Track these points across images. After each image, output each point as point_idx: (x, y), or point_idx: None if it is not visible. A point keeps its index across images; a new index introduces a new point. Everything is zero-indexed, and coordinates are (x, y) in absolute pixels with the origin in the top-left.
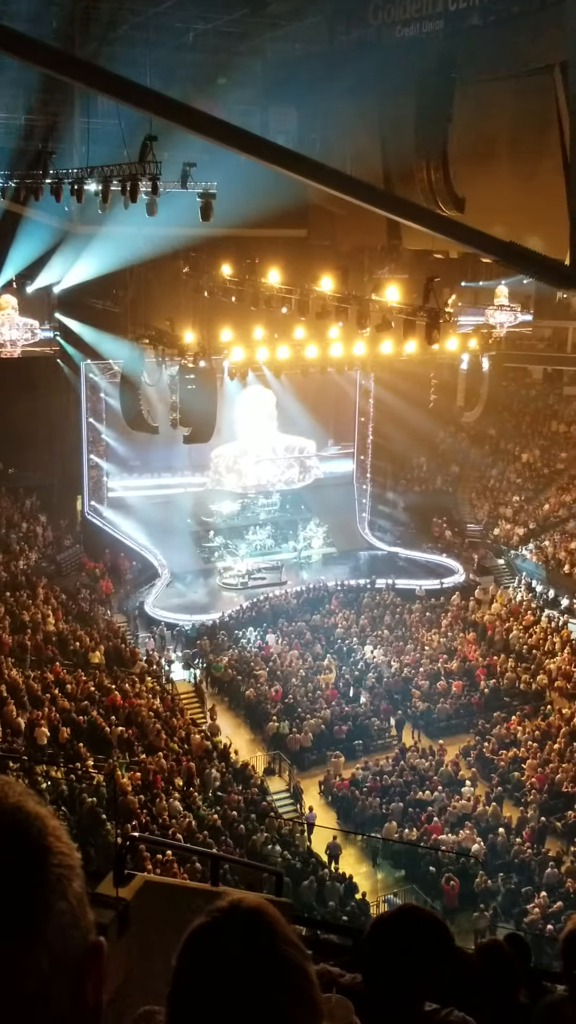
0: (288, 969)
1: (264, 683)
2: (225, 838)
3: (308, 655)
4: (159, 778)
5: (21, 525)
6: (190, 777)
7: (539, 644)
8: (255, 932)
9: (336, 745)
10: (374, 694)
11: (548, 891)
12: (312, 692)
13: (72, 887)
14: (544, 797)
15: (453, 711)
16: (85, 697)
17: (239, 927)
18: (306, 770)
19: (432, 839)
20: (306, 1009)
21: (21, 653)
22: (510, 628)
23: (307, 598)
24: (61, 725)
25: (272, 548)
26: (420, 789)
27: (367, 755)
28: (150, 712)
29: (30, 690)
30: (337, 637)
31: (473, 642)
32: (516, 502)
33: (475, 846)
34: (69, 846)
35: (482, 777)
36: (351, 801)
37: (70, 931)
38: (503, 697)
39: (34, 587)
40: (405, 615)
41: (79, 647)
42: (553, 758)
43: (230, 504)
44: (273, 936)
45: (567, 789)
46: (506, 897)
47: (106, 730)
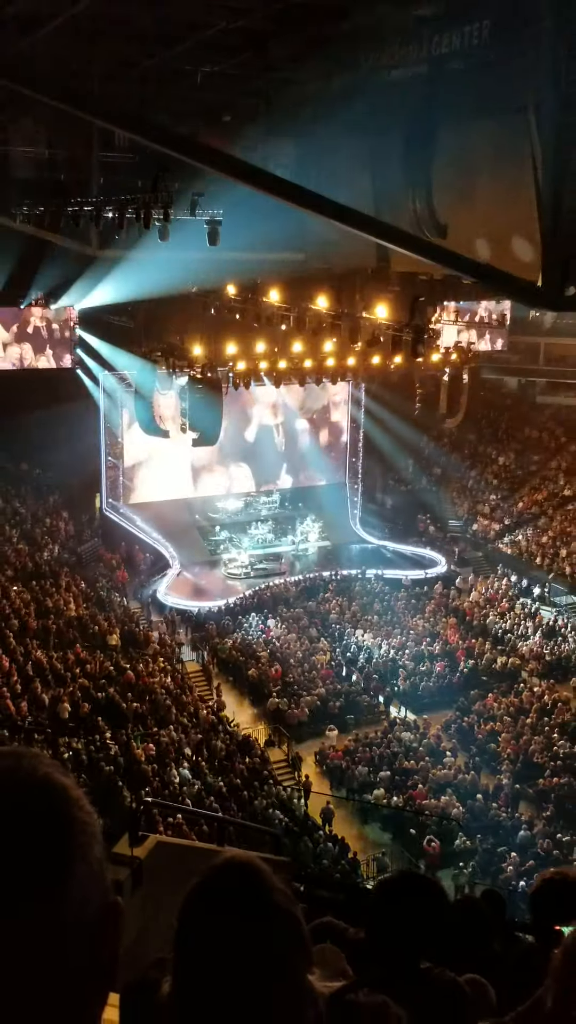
0: (278, 915)
1: (265, 663)
2: (230, 803)
3: (305, 638)
4: (170, 749)
5: (45, 520)
6: (198, 748)
7: (513, 629)
8: (246, 883)
9: (330, 719)
10: (365, 673)
11: (521, 851)
12: (309, 672)
13: (93, 851)
14: (518, 766)
15: (436, 689)
16: (103, 676)
17: (232, 880)
18: (303, 742)
19: (417, 804)
20: (296, 950)
21: (45, 636)
22: (487, 614)
23: (304, 587)
24: (82, 701)
25: (272, 542)
26: (406, 759)
27: (358, 728)
28: (162, 689)
29: (54, 669)
30: (331, 622)
31: (454, 627)
32: (493, 500)
33: (455, 810)
34: (91, 814)
35: (462, 748)
36: (343, 770)
37: (90, 892)
38: (481, 676)
39: (57, 576)
40: (392, 602)
41: (98, 631)
42: (526, 731)
43: (234, 502)
44: (263, 886)
45: (538, 759)
46: (483, 856)
47: (122, 706)
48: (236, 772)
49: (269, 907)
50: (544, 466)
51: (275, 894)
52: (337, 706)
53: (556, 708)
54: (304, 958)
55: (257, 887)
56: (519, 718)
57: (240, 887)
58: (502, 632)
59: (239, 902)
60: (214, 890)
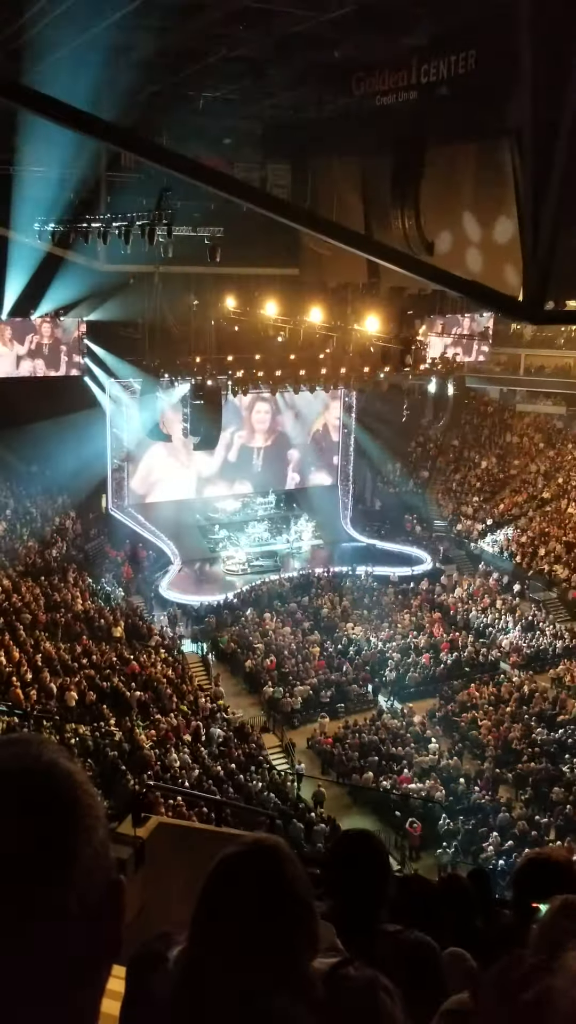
0: (295, 899)
1: (261, 655)
2: (227, 786)
3: (298, 631)
4: (171, 735)
5: (54, 520)
6: (197, 734)
7: (494, 623)
8: (272, 865)
9: (322, 708)
10: (355, 665)
11: (500, 832)
12: (302, 663)
13: (97, 834)
14: (498, 752)
15: (421, 679)
16: (108, 666)
17: (260, 859)
18: (296, 729)
19: (402, 788)
20: (305, 936)
21: (54, 628)
22: (470, 609)
23: (298, 583)
24: (88, 690)
25: (268, 540)
26: (393, 745)
27: (348, 716)
28: (164, 679)
29: (61, 660)
30: (323, 616)
31: (439, 621)
32: (476, 502)
33: (438, 793)
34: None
35: (445, 735)
36: (334, 755)
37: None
38: (464, 667)
39: (65, 572)
40: (381, 598)
41: (103, 623)
42: (506, 719)
43: (232, 503)
44: (286, 870)
45: (517, 746)
46: (465, 837)
47: (126, 694)
48: (233, 757)
49: (287, 891)
50: (524, 470)
51: (296, 880)
52: (328, 695)
53: (534, 698)
54: (311, 945)
55: (279, 870)
56: (499, 707)
57: (265, 867)
58: (484, 626)
59: (261, 880)
60: (240, 865)
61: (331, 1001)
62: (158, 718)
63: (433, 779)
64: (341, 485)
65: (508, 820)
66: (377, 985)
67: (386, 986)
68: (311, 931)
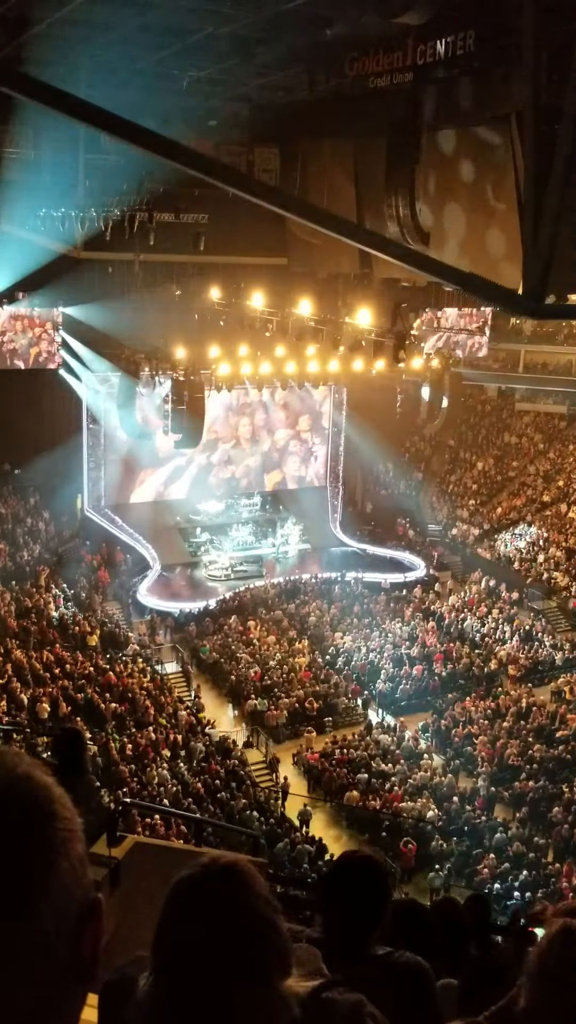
0: (257, 919)
1: (244, 665)
2: (208, 804)
3: (284, 641)
4: (149, 749)
5: (26, 521)
6: (176, 749)
7: (491, 633)
8: (229, 886)
9: (308, 721)
10: (343, 676)
11: (496, 853)
12: (287, 674)
13: (74, 848)
14: (494, 769)
15: (414, 692)
16: (83, 676)
17: (215, 881)
18: (281, 743)
19: (393, 807)
20: (273, 957)
21: (25, 636)
22: (465, 618)
23: (284, 589)
24: (61, 701)
25: (253, 544)
26: (383, 761)
27: (336, 730)
28: (141, 690)
29: (33, 669)
30: (311, 625)
31: (432, 630)
32: (472, 505)
33: (431, 813)
34: (72, 812)
35: (439, 751)
36: (321, 772)
37: (71, 889)
38: (458, 680)
39: (37, 576)
40: (372, 605)
41: (78, 631)
42: (502, 735)
43: (215, 504)
44: (246, 890)
45: (514, 762)
46: (458, 859)
47: (101, 706)
48: (214, 773)
49: (248, 912)
50: (522, 472)
51: (256, 899)
52: (315, 708)
53: (532, 712)
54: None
55: (238, 890)
56: (496, 721)
57: (221, 889)
58: (479, 636)
59: (219, 904)
60: (196, 889)
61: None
62: (135, 732)
63: (426, 798)
64: (330, 486)
65: (504, 841)
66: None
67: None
68: (280, 950)
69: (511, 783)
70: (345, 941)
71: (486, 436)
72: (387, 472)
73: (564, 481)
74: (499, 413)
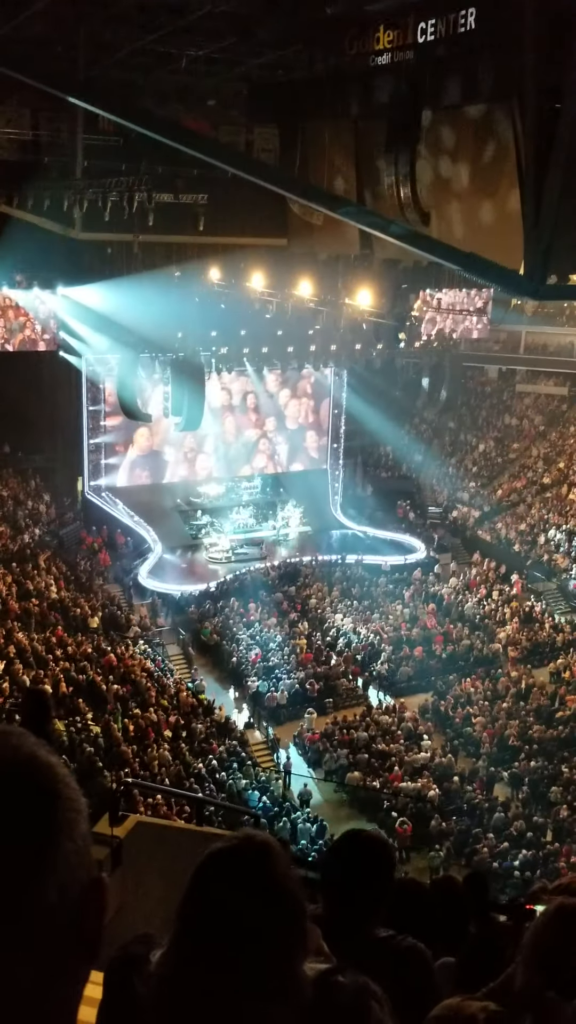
0: (288, 897)
1: (245, 647)
2: (209, 784)
3: (285, 623)
4: (150, 730)
5: (27, 503)
6: (178, 730)
7: (491, 614)
8: (260, 861)
9: (309, 702)
10: (344, 658)
11: (495, 833)
12: (288, 655)
13: (79, 828)
14: (493, 750)
15: (414, 673)
16: (84, 658)
17: (252, 855)
18: (282, 724)
19: (393, 786)
20: (295, 935)
21: (27, 618)
22: (465, 600)
23: (284, 572)
24: (63, 683)
25: (254, 527)
26: (383, 742)
27: (336, 711)
28: (143, 672)
29: (35, 651)
30: (311, 607)
31: (432, 612)
32: (472, 488)
33: (431, 793)
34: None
35: (438, 732)
36: (321, 752)
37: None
38: (458, 661)
39: (38, 559)
40: (372, 588)
41: (79, 613)
42: (502, 716)
43: (215, 486)
44: (279, 867)
45: (513, 743)
46: (458, 838)
47: (103, 687)
48: (215, 754)
49: (280, 888)
50: (523, 454)
51: (288, 879)
52: (316, 689)
53: (532, 693)
54: (302, 944)
55: (270, 867)
56: (495, 703)
57: (257, 862)
58: (479, 618)
59: (254, 876)
60: (232, 860)
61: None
62: (136, 713)
63: (425, 778)
64: (331, 469)
65: (503, 821)
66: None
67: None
68: (304, 931)
69: (511, 763)
70: (346, 920)
71: (487, 418)
72: (388, 455)
73: (565, 463)
74: (500, 395)
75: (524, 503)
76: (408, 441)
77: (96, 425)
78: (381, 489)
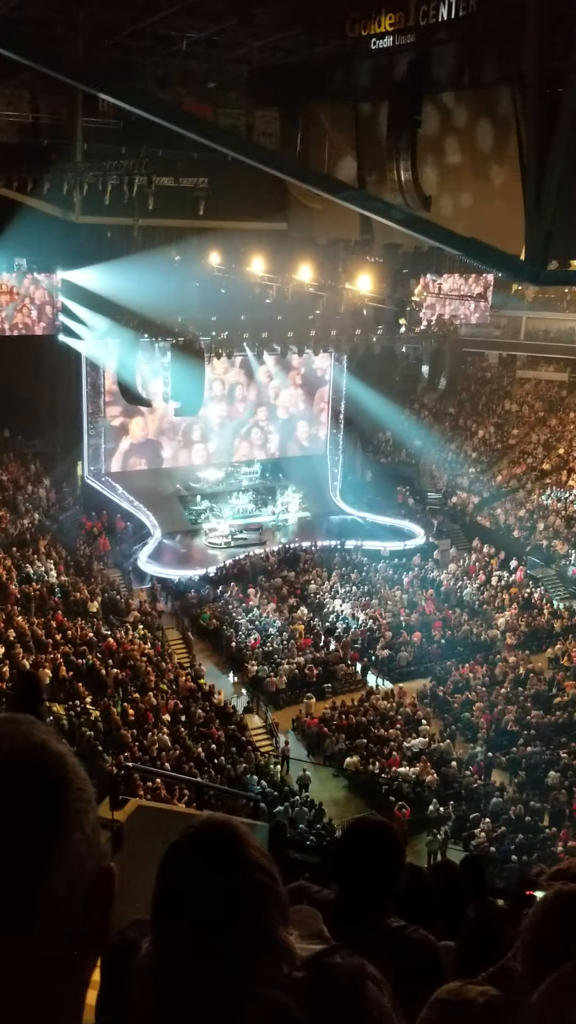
0: (252, 871)
1: (244, 632)
2: (208, 768)
3: (284, 608)
4: (150, 715)
5: (27, 488)
6: (177, 714)
7: (490, 600)
8: (223, 841)
9: (308, 687)
10: (342, 643)
11: (493, 817)
12: (287, 640)
13: (88, 818)
14: (491, 735)
15: (412, 658)
16: (84, 642)
17: (209, 837)
18: (281, 709)
19: (391, 771)
20: (270, 905)
21: (26, 602)
22: (464, 586)
23: (284, 557)
24: (63, 667)
25: (253, 512)
26: (382, 727)
27: (335, 696)
28: (142, 656)
29: (35, 636)
30: (310, 592)
31: (431, 598)
32: (472, 473)
33: (429, 777)
34: (85, 781)
35: (437, 717)
36: (320, 737)
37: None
38: (457, 647)
39: (38, 543)
40: (371, 573)
41: (79, 597)
42: (500, 701)
43: (215, 472)
44: (238, 844)
45: (511, 728)
46: (456, 823)
47: (103, 672)
48: (214, 738)
49: (244, 863)
50: (523, 440)
51: (250, 851)
52: (315, 674)
53: (530, 678)
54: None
55: (233, 844)
56: (493, 688)
57: (216, 844)
58: (478, 604)
59: (215, 858)
60: (191, 846)
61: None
62: (136, 697)
63: (423, 762)
64: (330, 455)
65: (501, 805)
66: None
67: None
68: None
69: (508, 748)
70: (359, 907)
71: (487, 404)
72: (387, 440)
73: (564, 449)
74: (500, 380)
75: (524, 489)
76: (408, 427)
77: (96, 409)
78: (381, 475)
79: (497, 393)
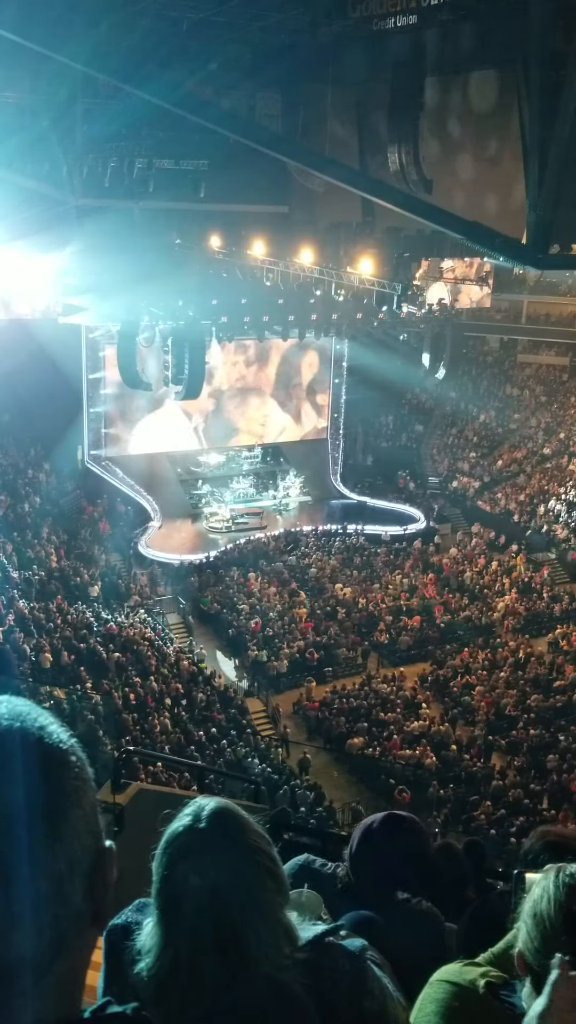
0: (252, 850)
1: (245, 616)
2: (209, 752)
3: (285, 592)
4: (151, 699)
5: (27, 472)
6: (178, 698)
7: (490, 584)
8: (220, 823)
9: (309, 671)
10: (343, 627)
11: (492, 800)
12: (288, 625)
13: (87, 797)
14: (491, 718)
15: (413, 642)
16: (84, 626)
17: (209, 820)
18: (282, 693)
19: (392, 754)
20: (269, 884)
21: (27, 587)
22: (465, 570)
23: (285, 541)
24: (63, 651)
25: (254, 496)
26: (382, 710)
27: (336, 680)
28: (143, 640)
29: (36, 620)
30: (311, 576)
31: (432, 582)
32: (472, 458)
33: (429, 760)
34: (84, 762)
35: (437, 700)
36: (321, 720)
37: (84, 836)
38: (457, 631)
39: (39, 528)
40: (372, 558)
41: (79, 581)
42: (500, 685)
43: (216, 456)
44: (239, 825)
45: (511, 712)
46: (455, 805)
47: (104, 656)
48: (215, 722)
49: (244, 847)
50: (524, 424)
51: (248, 833)
52: (315, 658)
53: (530, 662)
54: (278, 892)
55: (230, 826)
56: (493, 672)
57: (216, 826)
58: (479, 588)
59: (215, 841)
60: (191, 831)
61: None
62: (137, 681)
63: (423, 745)
64: (331, 439)
65: (500, 788)
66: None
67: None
68: (278, 878)
69: (508, 732)
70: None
71: (487, 388)
72: (388, 424)
73: (565, 434)
74: (501, 365)
75: (524, 473)
76: (408, 411)
77: (95, 394)
78: (381, 459)
79: (498, 377)
